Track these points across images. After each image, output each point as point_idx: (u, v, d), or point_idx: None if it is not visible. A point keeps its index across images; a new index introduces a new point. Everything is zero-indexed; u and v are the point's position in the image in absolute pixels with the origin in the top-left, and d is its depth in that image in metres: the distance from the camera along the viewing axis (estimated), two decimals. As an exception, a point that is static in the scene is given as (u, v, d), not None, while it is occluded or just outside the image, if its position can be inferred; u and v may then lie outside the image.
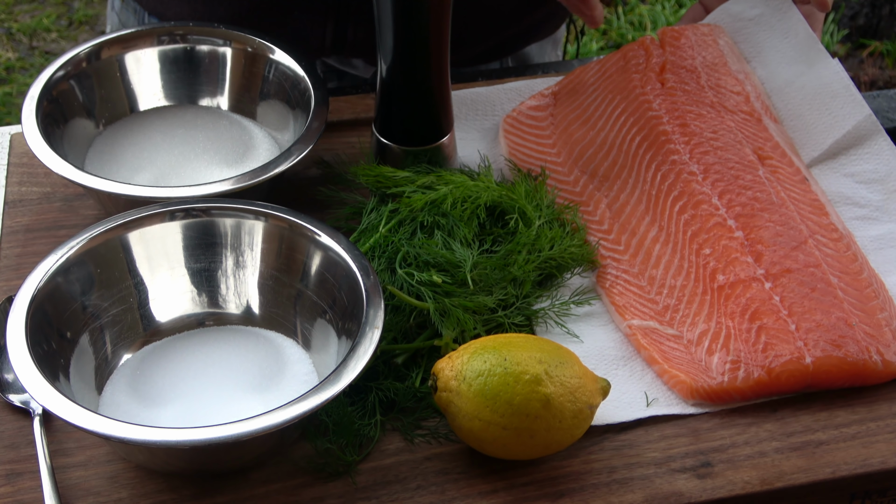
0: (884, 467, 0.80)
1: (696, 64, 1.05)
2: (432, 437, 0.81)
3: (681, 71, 1.04)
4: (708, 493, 0.78)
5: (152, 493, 0.77)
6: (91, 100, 1.02)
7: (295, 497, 0.77)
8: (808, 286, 0.88)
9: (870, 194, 1.01)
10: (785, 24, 1.09)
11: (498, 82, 1.13)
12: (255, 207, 0.87)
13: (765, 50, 1.09)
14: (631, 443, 0.81)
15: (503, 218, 0.92)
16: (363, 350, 0.76)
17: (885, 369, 0.85)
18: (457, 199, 0.91)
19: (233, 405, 0.79)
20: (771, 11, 1.10)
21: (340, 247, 0.84)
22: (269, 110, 1.04)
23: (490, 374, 0.76)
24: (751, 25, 1.10)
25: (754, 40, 1.10)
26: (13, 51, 2.95)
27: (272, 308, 0.88)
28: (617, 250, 0.94)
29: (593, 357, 0.87)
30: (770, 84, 1.08)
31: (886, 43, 2.94)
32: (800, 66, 1.07)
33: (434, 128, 0.96)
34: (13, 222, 0.97)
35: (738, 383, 0.83)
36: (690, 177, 0.96)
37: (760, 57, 1.09)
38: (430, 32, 0.91)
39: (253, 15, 1.11)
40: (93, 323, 0.83)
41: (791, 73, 1.07)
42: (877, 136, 1.04)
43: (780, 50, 1.08)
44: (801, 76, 1.06)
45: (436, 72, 0.93)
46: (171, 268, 0.88)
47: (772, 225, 0.93)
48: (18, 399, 0.83)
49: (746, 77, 1.06)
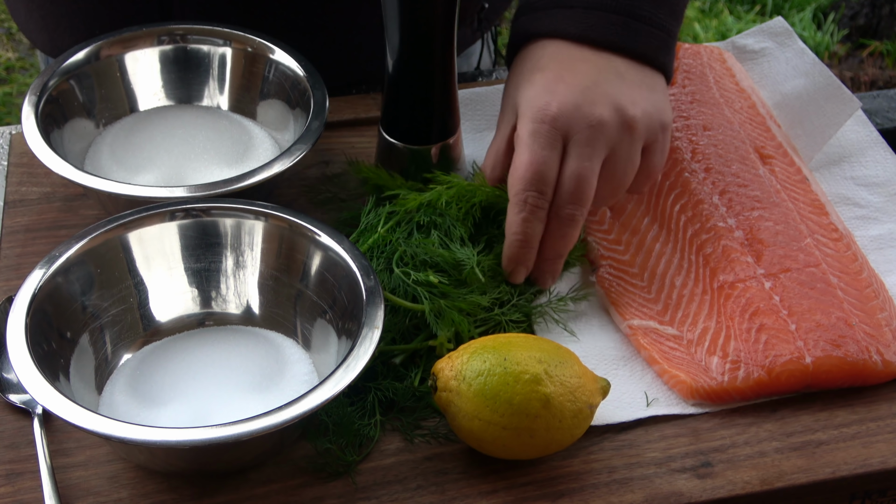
0: (884, 467, 0.80)
1: (705, 70, 1.06)
2: (432, 437, 0.81)
3: (689, 73, 1.05)
4: (708, 493, 0.78)
5: (152, 493, 0.77)
6: (91, 100, 1.02)
7: (295, 497, 0.77)
8: (808, 286, 0.88)
9: (870, 196, 1.01)
10: (788, 53, 1.10)
11: (498, 82, 1.13)
12: (255, 207, 0.87)
13: (770, 74, 1.10)
14: (631, 443, 0.81)
15: (497, 219, 0.93)
16: (363, 350, 0.76)
17: (885, 369, 0.85)
18: (451, 198, 0.91)
19: (233, 405, 0.79)
20: (777, 45, 1.11)
21: (340, 247, 0.84)
22: (269, 110, 1.04)
23: (490, 373, 0.76)
24: (757, 56, 1.11)
25: (759, 69, 1.11)
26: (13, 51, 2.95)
27: (272, 308, 0.88)
28: (617, 250, 0.94)
29: (593, 357, 0.87)
30: (772, 101, 1.08)
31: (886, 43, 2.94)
32: (800, 79, 1.08)
33: (440, 126, 0.96)
34: (13, 222, 0.97)
35: (738, 383, 0.83)
36: (691, 176, 0.96)
37: (764, 81, 1.10)
38: (437, 30, 0.91)
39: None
40: (93, 323, 0.83)
41: (791, 86, 1.08)
42: (878, 147, 1.05)
43: (784, 73, 1.09)
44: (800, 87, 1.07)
45: (442, 70, 0.93)
46: (171, 268, 0.88)
47: (772, 224, 0.93)
48: (18, 399, 0.83)
49: (752, 90, 1.07)
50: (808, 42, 2.89)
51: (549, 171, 0.86)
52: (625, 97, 0.88)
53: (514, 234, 0.87)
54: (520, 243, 0.87)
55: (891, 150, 1.05)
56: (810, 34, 2.93)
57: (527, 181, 0.85)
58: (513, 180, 0.87)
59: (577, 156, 0.86)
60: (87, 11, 1.09)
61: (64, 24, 1.11)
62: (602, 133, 0.86)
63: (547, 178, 0.85)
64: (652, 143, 0.89)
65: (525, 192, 0.86)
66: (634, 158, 0.88)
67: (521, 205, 0.86)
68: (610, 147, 0.87)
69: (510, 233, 0.87)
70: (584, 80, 0.88)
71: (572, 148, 0.86)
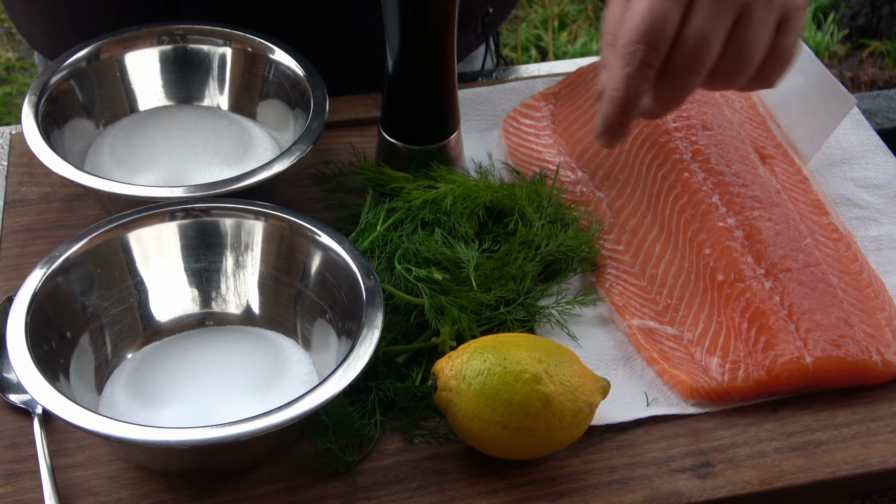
0: (884, 467, 0.80)
1: None
2: (432, 437, 0.81)
3: None
4: (708, 493, 0.78)
5: (152, 493, 0.77)
6: (91, 100, 1.02)
7: (295, 497, 0.77)
8: (808, 286, 0.88)
9: (870, 197, 1.02)
10: None
11: (498, 82, 1.13)
12: (255, 207, 0.87)
13: None
14: (631, 443, 0.81)
15: (502, 220, 0.93)
16: (363, 350, 0.76)
17: (885, 369, 0.85)
18: (457, 197, 0.91)
19: (233, 405, 0.79)
20: None
21: (340, 247, 0.84)
22: (269, 110, 1.04)
23: (490, 373, 0.76)
24: None
25: None
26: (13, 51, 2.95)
27: (272, 308, 0.88)
28: (617, 250, 0.94)
29: (593, 357, 0.87)
30: (772, 100, 1.08)
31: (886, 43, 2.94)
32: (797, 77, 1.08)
33: (440, 126, 0.96)
34: (13, 222, 0.97)
35: (738, 383, 0.83)
36: (691, 176, 0.96)
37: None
38: (437, 30, 0.91)
39: None
40: (93, 323, 0.83)
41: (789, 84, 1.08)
42: (878, 149, 1.05)
43: None
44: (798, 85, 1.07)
45: (442, 70, 0.93)
46: (171, 268, 0.88)
47: (772, 224, 0.93)
48: (18, 399, 0.83)
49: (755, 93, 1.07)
50: (808, 42, 2.89)
51: (667, 26, 0.74)
52: None
53: (614, 90, 0.75)
54: (620, 102, 0.75)
55: (891, 153, 1.05)
56: (810, 34, 2.93)
57: (640, 33, 0.74)
58: (623, 30, 0.75)
59: (703, 13, 0.74)
60: (93, 14, 1.08)
61: (67, 28, 1.10)
62: None
63: (664, 32, 0.74)
64: (788, 20, 0.77)
65: (635, 45, 0.74)
66: (767, 30, 0.76)
67: (628, 57, 0.74)
68: (742, 8, 0.75)
69: (611, 89, 0.76)
70: None
71: (699, 3, 0.74)
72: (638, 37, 0.74)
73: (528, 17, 3.01)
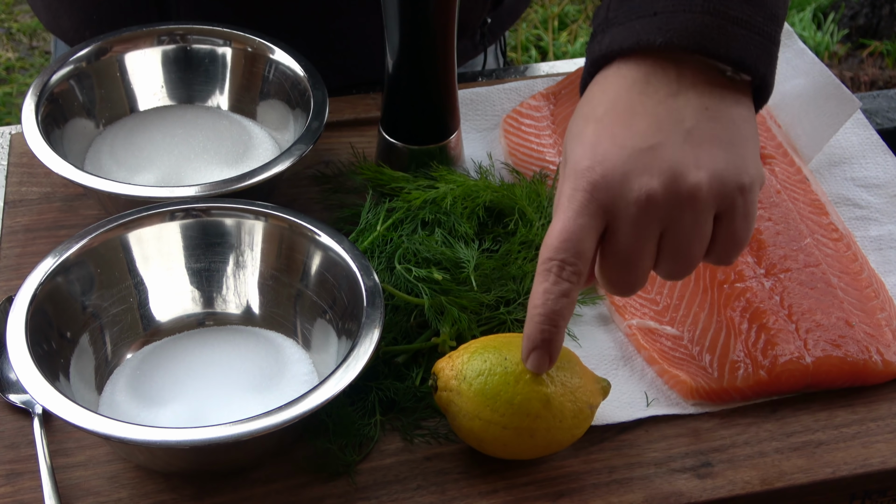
0: (884, 467, 0.80)
1: None
2: (432, 437, 0.81)
3: None
4: (708, 493, 0.78)
5: (152, 493, 0.77)
6: (91, 100, 1.02)
7: (295, 497, 0.77)
8: (808, 286, 0.89)
9: (870, 197, 1.02)
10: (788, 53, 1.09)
11: (498, 82, 1.13)
12: (255, 207, 0.87)
13: None
14: (631, 443, 0.81)
15: (502, 220, 0.93)
16: (363, 350, 0.76)
17: (885, 369, 0.85)
18: (457, 197, 0.91)
19: (233, 405, 0.79)
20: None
21: (340, 247, 0.84)
22: (269, 110, 1.04)
23: (490, 373, 0.76)
24: None
25: None
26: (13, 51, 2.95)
27: (272, 308, 0.88)
28: (617, 250, 0.94)
29: (593, 357, 0.87)
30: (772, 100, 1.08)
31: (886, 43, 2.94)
32: (799, 79, 1.08)
33: (441, 126, 0.96)
34: (13, 222, 0.97)
35: (738, 383, 0.83)
36: (690, 177, 0.96)
37: None
38: (436, 31, 0.91)
39: None
40: (93, 323, 0.83)
41: (791, 86, 1.08)
42: (879, 149, 1.05)
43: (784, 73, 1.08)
44: (800, 87, 1.07)
45: (442, 70, 0.93)
46: (171, 268, 0.88)
47: (772, 224, 0.93)
48: (18, 399, 0.83)
49: None
50: (808, 42, 2.89)
51: (583, 242, 0.72)
52: (686, 159, 0.73)
53: (533, 307, 0.73)
54: (540, 319, 0.73)
55: (891, 153, 1.06)
56: (810, 34, 2.93)
57: (553, 248, 0.73)
58: (542, 248, 0.74)
59: (622, 235, 0.73)
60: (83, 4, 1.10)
61: (66, 5, 1.12)
62: (651, 211, 0.72)
63: (579, 249, 0.72)
64: (727, 210, 0.73)
65: (550, 262, 0.73)
66: (701, 231, 0.73)
67: (544, 274, 0.73)
68: (664, 224, 0.73)
69: (530, 307, 0.74)
70: (639, 140, 0.73)
71: (617, 225, 0.73)
72: (552, 252, 0.73)
73: (528, 17, 3.01)
